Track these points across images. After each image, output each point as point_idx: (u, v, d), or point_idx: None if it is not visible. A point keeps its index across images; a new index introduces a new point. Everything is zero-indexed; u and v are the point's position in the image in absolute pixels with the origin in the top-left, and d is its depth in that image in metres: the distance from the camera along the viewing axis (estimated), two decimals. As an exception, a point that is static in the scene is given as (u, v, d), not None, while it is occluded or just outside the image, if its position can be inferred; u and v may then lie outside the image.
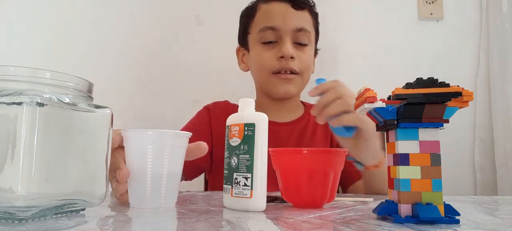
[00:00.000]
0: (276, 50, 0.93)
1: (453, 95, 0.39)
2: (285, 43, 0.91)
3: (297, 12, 0.95)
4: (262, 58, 0.94)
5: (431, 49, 1.35)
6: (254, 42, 0.97)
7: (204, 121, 1.01)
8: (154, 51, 1.44)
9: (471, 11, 1.34)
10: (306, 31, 0.94)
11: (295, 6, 0.95)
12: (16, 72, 0.40)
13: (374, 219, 0.43)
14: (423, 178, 0.40)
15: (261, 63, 0.95)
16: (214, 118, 1.01)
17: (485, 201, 0.61)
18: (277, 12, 0.94)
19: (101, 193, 0.46)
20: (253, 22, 0.98)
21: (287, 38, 0.92)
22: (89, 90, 0.47)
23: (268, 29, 0.93)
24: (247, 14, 1.01)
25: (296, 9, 0.95)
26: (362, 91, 0.43)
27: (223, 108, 1.03)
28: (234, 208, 0.51)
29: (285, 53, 0.90)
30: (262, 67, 0.95)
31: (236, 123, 0.52)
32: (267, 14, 0.96)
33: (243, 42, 1.02)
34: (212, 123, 1.01)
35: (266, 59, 0.93)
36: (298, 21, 0.94)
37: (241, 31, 1.03)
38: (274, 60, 0.92)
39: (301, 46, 0.94)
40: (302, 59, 0.93)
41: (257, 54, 0.96)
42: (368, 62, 1.37)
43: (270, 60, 0.92)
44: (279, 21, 0.93)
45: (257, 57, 0.96)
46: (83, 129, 0.45)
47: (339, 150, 0.55)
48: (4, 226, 0.36)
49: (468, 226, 0.38)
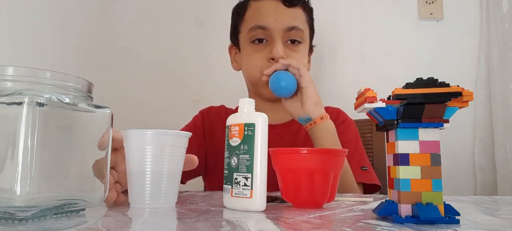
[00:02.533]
0: (266, 50, 0.90)
1: (453, 95, 0.39)
2: (276, 44, 0.89)
3: (288, 10, 0.92)
4: (253, 59, 0.92)
5: (431, 49, 1.35)
6: (245, 41, 0.94)
7: (198, 125, 1.01)
8: (154, 51, 1.44)
9: (471, 11, 1.34)
10: (298, 29, 0.92)
11: (286, 3, 0.91)
12: (16, 72, 0.40)
13: (374, 219, 0.43)
14: (423, 178, 0.40)
15: (252, 65, 0.92)
16: (208, 122, 1.01)
17: (485, 201, 0.61)
18: (268, 10, 0.91)
19: (101, 193, 0.46)
20: (244, 21, 0.95)
21: (278, 38, 0.89)
22: (89, 90, 0.47)
23: (258, 29, 0.90)
24: (238, 11, 0.98)
25: (287, 7, 0.91)
26: (362, 91, 0.43)
27: (217, 113, 1.03)
28: (234, 208, 0.51)
29: (275, 55, 0.88)
30: (253, 69, 0.92)
31: (236, 123, 0.52)
32: (257, 12, 0.93)
33: (235, 41, 1.00)
34: (206, 127, 1.01)
35: (256, 60, 0.91)
36: (290, 19, 0.91)
37: (232, 29, 1.01)
38: (264, 62, 0.90)
39: (294, 45, 0.92)
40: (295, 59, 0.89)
41: (248, 55, 0.94)
42: (368, 62, 1.37)
43: (261, 62, 0.90)
44: (270, 20, 0.90)
45: (248, 58, 0.94)
46: (83, 129, 0.45)
47: (339, 150, 0.55)
48: (4, 226, 0.36)
49: (468, 226, 0.38)
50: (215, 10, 1.44)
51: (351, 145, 0.94)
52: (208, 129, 1.01)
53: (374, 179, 0.93)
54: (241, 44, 0.97)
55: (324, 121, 0.83)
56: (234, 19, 1.00)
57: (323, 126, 0.83)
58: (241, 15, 0.96)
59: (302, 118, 0.84)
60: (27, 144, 0.37)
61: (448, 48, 1.34)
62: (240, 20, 0.97)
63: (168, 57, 1.44)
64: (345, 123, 0.99)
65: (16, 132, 0.37)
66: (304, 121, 0.84)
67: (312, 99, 0.83)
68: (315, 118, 0.82)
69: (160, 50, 1.45)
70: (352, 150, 0.92)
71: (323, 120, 0.82)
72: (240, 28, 0.97)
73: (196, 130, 0.99)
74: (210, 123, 1.01)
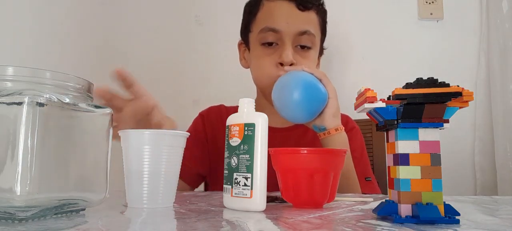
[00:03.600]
0: (276, 55, 0.89)
1: (453, 95, 0.39)
2: (286, 49, 0.87)
3: (302, 14, 0.90)
4: (262, 62, 0.91)
5: (431, 49, 1.35)
6: (255, 42, 0.93)
7: (199, 128, 1.01)
8: (154, 51, 1.44)
9: (471, 11, 1.34)
10: (310, 34, 0.90)
11: (300, 6, 0.89)
12: (16, 72, 0.40)
13: (374, 219, 0.43)
14: (423, 178, 0.40)
15: (260, 69, 0.92)
16: (208, 124, 1.01)
17: (485, 201, 0.61)
18: (280, 12, 0.89)
19: (101, 193, 0.46)
20: (255, 20, 0.94)
21: (288, 42, 0.88)
22: (89, 90, 0.47)
23: (270, 31, 0.89)
24: (250, 10, 0.96)
25: (301, 10, 0.89)
26: (362, 91, 0.43)
27: (216, 112, 1.03)
28: (234, 208, 0.51)
29: (284, 60, 0.86)
30: (261, 73, 0.92)
31: (236, 123, 0.52)
32: (269, 14, 0.91)
33: (245, 38, 0.99)
34: (206, 129, 1.01)
35: (265, 64, 0.90)
36: (302, 23, 0.89)
37: (243, 26, 0.99)
38: (273, 66, 0.88)
39: (303, 51, 0.91)
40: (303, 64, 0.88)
41: (257, 57, 0.93)
42: (368, 62, 1.37)
43: (269, 66, 0.89)
44: (282, 23, 0.88)
45: (257, 61, 0.93)
46: (83, 128, 0.45)
47: (339, 150, 0.55)
48: (4, 226, 0.36)
49: (468, 226, 0.38)
50: (215, 10, 1.44)
51: (357, 154, 0.94)
52: (208, 129, 1.00)
53: (377, 190, 0.94)
54: (251, 44, 0.96)
55: (339, 132, 0.82)
56: (245, 17, 0.98)
57: (337, 138, 0.81)
58: (253, 14, 0.95)
59: (317, 126, 0.83)
60: (27, 144, 0.37)
61: (448, 48, 1.34)
62: (251, 19, 0.95)
63: (168, 57, 1.44)
64: (353, 131, 0.99)
65: (16, 132, 0.37)
66: (319, 129, 0.82)
67: (331, 110, 0.81)
68: (330, 129, 0.81)
69: (160, 50, 1.45)
70: (358, 159, 0.91)
71: (337, 132, 0.81)
72: (251, 28, 0.95)
73: (197, 134, 0.99)
74: (211, 125, 1.01)
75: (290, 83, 0.79)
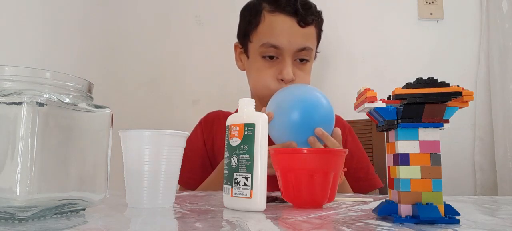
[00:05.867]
0: (276, 69, 0.91)
1: (453, 95, 0.39)
2: (286, 65, 0.89)
3: (302, 30, 0.91)
4: (262, 75, 0.92)
5: (431, 49, 1.35)
6: (255, 53, 0.94)
7: (198, 136, 1.02)
8: (154, 51, 1.45)
9: (471, 11, 1.34)
10: (309, 49, 0.92)
11: (301, 22, 0.90)
12: (16, 72, 0.40)
13: (374, 219, 0.43)
14: (423, 178, 0.40)
15: (260, 80, 0.93)
16: (206, 130, 1.03)
17: (485, 201, 0.61)
18: (282, 28, 0.90)
19: (101, 193, 0.46)
20: (256, 32, 0.94)
21: (288, 58, 0.90)
22: (89, 90, 0.47)
23: (271, 46, 0.90)
24: (250, 19, 0.96)
25: (302, 27, 0.91)
26: (362, 91, 0.43)
27: (213, 118, 1.04)
28: (234, 208, 0.51)
29: (285, 78, 0.89)
30: (261, 84, 0.93)
31: (236, 123, 0.52)
32: (271, 29, 0.91)
33: (243, 44, 0.99)
34: (205, 135, 1.02)
35: (265, 77, 0.91)
36: (302, 40, 0.91)
37: (242, 32, 0.99)
38: (273, 81, 0.90)
39: (301, 64, 0.93)
40: (301, 78, 0.91)
41: (258, 69, 0.94)
42: (368, 62, 1.37)
43: (270, 79, 0.91)
44: (283, 40, 0.89)
45: (257, 73, 0.94)
46: (83, 129, 0.45)
47: (339, 150, 0.55)
48: (4, 226, 0.36)
49: (468, 226, 0.38)
50: (215, 10, 1.44)
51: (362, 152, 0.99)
52: (207, 135, 1.02)
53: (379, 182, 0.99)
54: (251, 54, 0.96)
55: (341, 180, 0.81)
56: (245, 26, 0.98)
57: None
58: (253, 25, 0.95)
59: None
60: (27, 144, 0.37)
61: (448, 48, 1.34)
62: (252, 30, 0.95)
63: (168, 57, 1.44)
64: (352, 131, 1.02)
65: (16, 132, 0.37)
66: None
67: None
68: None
69: (160, 50, 1.45)
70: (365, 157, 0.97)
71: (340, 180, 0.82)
72: (252, 38, 0.95)
73: (196, 141, 1.01)
74: (208, 129, 1.02)
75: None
